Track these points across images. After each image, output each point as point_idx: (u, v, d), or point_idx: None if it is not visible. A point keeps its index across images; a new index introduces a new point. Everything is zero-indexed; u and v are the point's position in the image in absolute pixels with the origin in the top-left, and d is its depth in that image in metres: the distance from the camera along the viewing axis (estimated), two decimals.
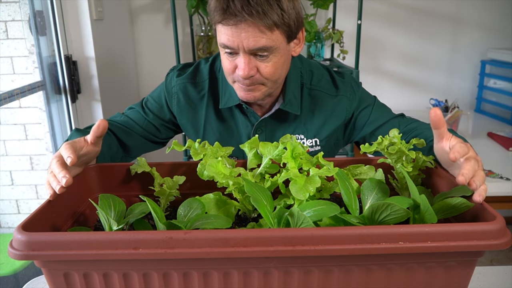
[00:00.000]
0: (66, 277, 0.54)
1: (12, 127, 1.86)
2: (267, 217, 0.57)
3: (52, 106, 1.74)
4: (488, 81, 2.32)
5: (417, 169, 0.73)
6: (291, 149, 0.69)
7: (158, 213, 0.59)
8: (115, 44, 2.05)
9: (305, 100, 1.02)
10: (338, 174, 0.65)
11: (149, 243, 0.50)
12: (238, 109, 1.01)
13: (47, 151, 1.80)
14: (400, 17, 2.33)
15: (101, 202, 0.65)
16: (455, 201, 0.60)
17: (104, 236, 0.51)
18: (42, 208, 0.60)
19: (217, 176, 0.67)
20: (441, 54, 2.39)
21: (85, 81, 1.80)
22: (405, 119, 1.02)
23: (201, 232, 0.51)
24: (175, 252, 0.50)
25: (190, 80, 1.03)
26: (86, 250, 0.50)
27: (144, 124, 1.04)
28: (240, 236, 0.50)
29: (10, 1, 1.70)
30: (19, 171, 1.92)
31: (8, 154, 1.90)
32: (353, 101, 1.02)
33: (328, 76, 1.05)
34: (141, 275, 0.54)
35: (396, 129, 0.74)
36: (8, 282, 1.14)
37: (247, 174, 0.72)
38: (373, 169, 0.75)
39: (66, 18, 1.69)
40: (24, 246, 0.51)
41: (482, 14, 2.30)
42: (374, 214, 0.58)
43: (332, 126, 1.02)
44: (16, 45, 1.74)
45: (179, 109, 1.03)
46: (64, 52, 1.69)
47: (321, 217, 0.57)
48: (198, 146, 0.74)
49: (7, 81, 1.78)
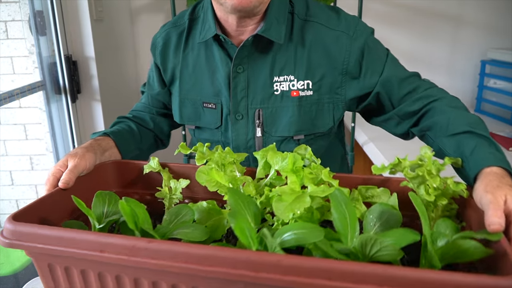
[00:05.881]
0: (50, 267, 0.56)
1: (12, 127, 1.86)
2: (244, 235, 0.50)
3: (52, 106, 1.74)
4: (488, 81, 2.32)
5: (448, 197, 0.60)
6: (293, 162, 0.63)
7: (129, 217, 0.55)
8: (115, 44, 2.05)
9: (296, 34, 0.87)
10: (334, 195, 0.54)
11: (114, 247, 0.49)
12: (215, 43, 0.89)
13: (47, 151, 1.80)
14: (400, 17, 2.33)
15: (96, 199, 0.65)
16: (468, 245, 0.49)
17: (74, 234, 0.51)
18: (40, 200, 0.63)
19: (208, 184, 0.64)
20: (441, 54, 2.39)
21: (85, 81, 1.80)
22: (424, 82, 0.88)
23: (164, 243, 0.48)
24: (137, 260, 0.48)
25: (171, 25, 0.97)
26: (58, 246, 0.51)
27: (154, 100, 1.03)
28: (202, 253, 0.46)
29: (10, 1, 1.70)
30: (19, 171, 1.92)
31: (8, 154, 1.90)
32: (356, 42, 0.85)
33: (329, 8, 0.90)
34: (114, 277, 0.53)
35: (427, 147, 0.62)
36: (8, 282, 1.14)
37: (249, 184, 0.66)
38: (388, 192, 0.64)
39: (66, 18, 1.69)
40: (11, 235, 0.53)
41: (482, 14, 2.30)
42: (364, 247, 0.49)
43: (326, 66, 0.86)
44: (16, 45, 1.74)
45: (161, 57, 0.97)
46: (64, 52, 1.69)
47: (300, 242, 0.49)
48: (206, 150, 0.70)
49: (7, 81, 1.78)
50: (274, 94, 0.88)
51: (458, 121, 0.75)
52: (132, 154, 0.92)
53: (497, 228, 0.50)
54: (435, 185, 0.58)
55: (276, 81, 0.88)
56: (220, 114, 0.92)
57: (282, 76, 0.87)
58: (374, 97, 0.88)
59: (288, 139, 0.91)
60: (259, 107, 0.89)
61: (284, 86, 0.88)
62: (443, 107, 0.80)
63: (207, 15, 0.89)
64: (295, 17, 0.88)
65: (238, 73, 0.88)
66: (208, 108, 0.93)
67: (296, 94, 0.88)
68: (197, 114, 0.95)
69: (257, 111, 0.89)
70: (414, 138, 0.91)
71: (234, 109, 0.90)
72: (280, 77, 0.88)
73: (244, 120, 0.91)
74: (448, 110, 0.79)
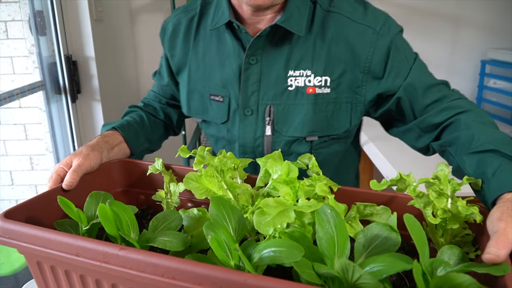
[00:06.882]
0: (38, 265, 0.56)
1: (12, 127, 1.86)
2: (220, 249, 0.46)
3: (52, 106, 1.74)
4: (488, 81, 2.32)
5: (460, 221, 0.54)
6: (287, 172, 0.57)
7: (108, 222, 0.52)
8: (115, 44, 2.05)
9: (317, 26, 0.80)
10: (320, 212, 0.49)
11: (88, 252, 0.48)
12: (228, 31, 0.83)
13: (47, 151, 1.80)
14: (400, 17, 2.32)
15: (89, 199, 0.63)
16: (461, 279, 0.43)
17: (51, 236, 0.51)
18: (36, 198, 0.63)
19: (196, 191, 0.60)
20: (441, 54, 2.39)
21: (85, 81, 1.80)
22: (452, 92, 0.81)
23: (133, 252, 0.46)
24: (108, 267, 0.47)
25: (183, 10, 0.91)
26: (39, 246, 0.51)
27: (164, 90, 0.99)
28: (171, 266, 0.44)
29: (10, 1, 1.70)
30: (19, 171, 1.92)
31: (8, 154, 1.90)
32: (382, 39, 0.78)
33: (356, 1, 0.83)
34: (94, 280, 0.52)
35: (445, 164, 0.57)
36: (8, 282, 1.14)
37: (245, 193, 0.62)
38: (389, 211, 0.58)
39: (66, 18, 1.69)
40: (1, 232, 0.54)
41: (482, 14, 2.30)
42: (347, 272, 0.44)
43: (348, 62, 0.79)
44: (16, 45, 1.75)
45: (170, 43, 0.92)
46: (64, 52, 1.69)
47: (277, 261, 0.45)
48: (207, 154, 0.66)
49: (7, 81, 1.78)
50: (288, 90, 0.81)
51: (483, 138, 0.66)
52: (142, 147, 0.90)
53: (491, 258, 0.45)
54: (445, 207, 0.52)
55: (291, 76, 0.81)
56: (227, 108, 0.86)
57: (298, 71, 0.81)
58: (395, 103, 0.81)
59: (300, 139, 0.84)
60: (271, 103, 0.82)
61: (300, 81, 0.81)
62: (468, 121, 0.72)
63: (221, 0, 0.84)
64: (317, 7, 0.81)
65: (251, 65, 0.81)
66: (215, 101, 0.88)
67: (312, 91, 0.81)
68: (205, 106, 0.90)
69: (268, 107, 0.83)
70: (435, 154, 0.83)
71: (243, 103, 0.84)
72: (296, 72, 0.81)
73: (253, 116, 0.84)
74: (473, 125, 0.70)
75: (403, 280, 0.56)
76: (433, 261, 0.47)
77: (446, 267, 0.47)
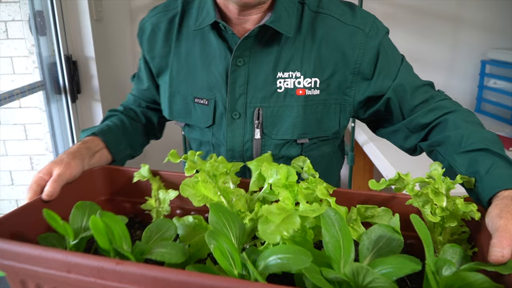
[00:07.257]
0: (22, 283, 0.51)
1: (12, 127, 1.86)
2: (223, 259, 0.45)
3: (52, 106, 1.74)
4: (488, 81, 2.32)
5: (458, 219, 0.54)
6: (286, 176, 0.56)
7: (100, 235, 0.48)
8: (115, 44, 2.05)
9: (306, 26, 0.79)
10: (326, 215, 0.48)
11: (81, 268, 0.44)
12: (214, 32, 0.80)
13: (47, 151, 1.80)
14: (400, 17, 2.33)
15: (75, 210, 0.58)
16: (474, 278, 0.43)
17: (40, 252, 0.46)
18: (18, 210, 0.58)
19: (193, 198, 0.58)
20: (441, 54, 2.39)
21: (85, 81, 1.80)
22: (438, 93, 0.82)
23: (131, 266, 0.43)
24: (104, 284, 0.44)
25: (162, 9, 0.88)
26: (23, 263, 0.47)
27: (144, 94, 0.96)
28: (172, 278, 0.42)
29: (10, 1, 1.70)
30: (19, 171, 1.92)
31: (8, 154, 1.90)
32: (371, 41, 0.78)
33: (343, 3, 0.83)
34: None
35: (438, 164, 0.57)
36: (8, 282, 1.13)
37: (241, 198, 0.60)
38: (390, 212, 0.57)
39: (66, 18, 1.69)
40: None
41: (482, 14, 2.30)
42: (357, 276, 0.44)
43: (337, 63, 0.79)
44: (16, 45, 1.75)
45: (148, 44, 0.88)
46: (64, 52, 1.69)
47: (284, 269, 0.44)
48: (197, 159, 0.63)
49: (7, 81, 1.78)
50: (277, 92, 0.80)
51: (473, 137, 0.67)
52: (124, 153, 0.86)
53: (497, 259, 0.45)
54: (443, 205, 0.53)
55: (280, 77, 0.80)
56: (212, 112, 0.84)
57: (287, 72, 0.79)
58: (384, 103, 0.82)
59: (291, 142, 0.83)
60: (259, 105, 0.81)
61: (289, 83, 0.80)
62: (457, 121, 0.73)
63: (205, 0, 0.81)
64: (306, 8, 0.80)
65: (238, 67, 0.79)
66: (200, 104, 0.85)
67: (302, 93, 0.80)
68: (188, 110, 0.87)
69: (257, 110, 0.81)
70: (422, 153, 0.85)
71: (230, 106, 0.82)
72: (285, 73, 0.80)
73: (241, 119, 0.82)
74: (462, 124, 0.72)
75: (404, 280, 0.56)
76: (437, 260, 0.47)
77: (451, 266, 0.47)
